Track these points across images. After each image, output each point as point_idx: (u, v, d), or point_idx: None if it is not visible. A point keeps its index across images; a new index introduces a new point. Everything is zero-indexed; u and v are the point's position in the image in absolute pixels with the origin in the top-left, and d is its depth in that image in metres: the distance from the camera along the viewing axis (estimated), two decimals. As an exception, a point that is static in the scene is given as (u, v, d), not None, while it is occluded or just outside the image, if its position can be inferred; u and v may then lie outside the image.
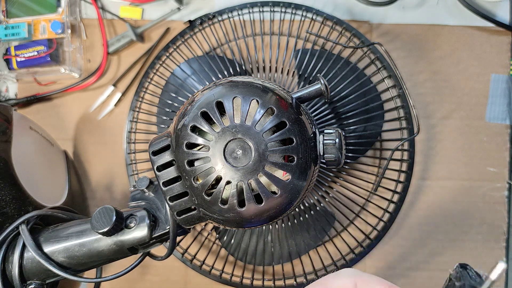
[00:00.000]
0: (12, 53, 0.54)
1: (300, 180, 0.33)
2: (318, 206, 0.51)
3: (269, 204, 0.33)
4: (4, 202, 0.40)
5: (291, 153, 0.33)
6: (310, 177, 0.35)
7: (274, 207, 0.33)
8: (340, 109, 0.50)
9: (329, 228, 0.51)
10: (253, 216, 0.33)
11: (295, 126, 0.33)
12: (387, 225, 0.51)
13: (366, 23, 0.54)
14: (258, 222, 0.35)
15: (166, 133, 0.36)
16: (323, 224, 0.51)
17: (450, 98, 0.54)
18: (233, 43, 0.55)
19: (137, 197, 0.39)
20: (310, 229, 0.51)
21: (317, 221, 0.50)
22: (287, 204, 0.34)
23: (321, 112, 0.50)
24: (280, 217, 0.35)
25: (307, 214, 0.50)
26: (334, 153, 0.35)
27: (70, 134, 0.57)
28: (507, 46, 0.54)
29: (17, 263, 0.36)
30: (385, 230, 0.51)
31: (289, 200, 0.34)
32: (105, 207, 0.35)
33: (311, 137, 0.34)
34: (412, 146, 0.51)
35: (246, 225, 0.35)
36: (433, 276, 0.53)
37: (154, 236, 0.37)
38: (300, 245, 0.51)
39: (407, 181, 0.51)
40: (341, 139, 0.35)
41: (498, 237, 0.53)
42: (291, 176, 0.33)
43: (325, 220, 0.51)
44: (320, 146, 0.35)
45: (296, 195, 0.34)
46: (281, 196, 0.33)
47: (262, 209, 0.33)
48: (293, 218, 0.51)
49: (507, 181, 0.53)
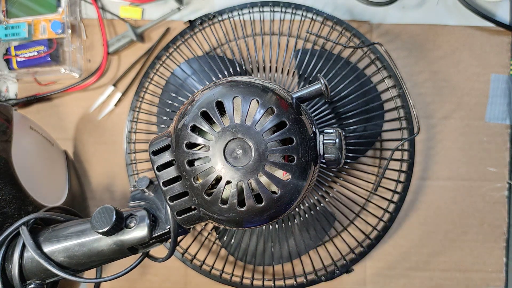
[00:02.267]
0: (12, 53, 0.55)
1: (300, 180, 0.33)
2: (318, 206, 0.51)
3: (269, 204, 0.33)
4: (4, 202, 0.40)
5: (291, 153, 0.33)
6: (310, 177, 0.35)
7: (274, 207, 0.33)
8: (340, 109, 0.50)
9: (329, 228, 0.51)
10: (253, 215, 0.33)
11: (295, 126, 0.33)
12: (387, 225, 0.51)
13: (366, 23, 0.54)
14: (258, 222, 0.35)
15: (166, 133, 0.36)
16: (323, 224, 0.51)
17: (450, 98, 0.54)
18: (233, 43, 0.55)
19: (137, 197, 0.39)
20: (310, 229, 0.51)
21: (317, 221, 0.50)
22: (287, 204, 0.34)
23: (321, 112, 0.50)
24: (280, 217, 0.35)
25: (307, 214, 0.50)
26: (334, 153, 0.35)
27: (70, 134, 0.57)
28: (507, 46, 0.54)
29: (17, 263, 0.36)
30: (385, 230, 0.51)
31: (289, 200, 0.34)
32: (105, 207, 0.35)
33: (311, 137, 0.34)
34: (412, 146, 0.51)
35: (246, 225, 0.35)
36: (433, 276, 0.53)
37: (154, 236, 0.36)
38: (300, 245, 0.51)
39: (407, 181, 0.51)
40: (341, 139, 0.35)
41: (498, 237, 0.53)
42: (291, 176, 0.33)
43: (325, 220, 0.51)
44: (320, 146, 0.35)
45: (296, 195, 0.34)
46: (281, 196, 0.33)
47: (262, 209, 0.33)
48: (293, 218, 0.51)
49: (507, 181, 0.53)
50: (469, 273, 0.53)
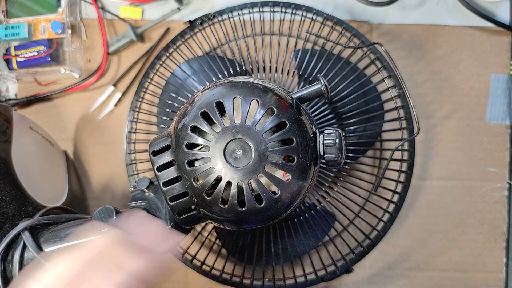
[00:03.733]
0: (12, 53, 0.54)
1: (300, 180, 0.33)
2: (318, 206, 0.51)
3: (269, 204, 0.33)
4: (4, 202, 0.40)
5: (291, 154, 0.33)
6: (310, 178, 0.35)
7: (274, 207, 0.33)
8: (340, 109, 0.50)
9: (329, 228, 0.51)
10: (253, 216, 0.33)
11: (295, 126, 0.33)
12: (387, 225, 0.51)
13: (366, 23, 0.54)
14: (258, 222, 0.35)
15: (166, 133, 0.36)
16: (323, 224, 0.51)
17: (450, 98, 0.54)
18: (233, 43, 0.55)
19: (137, 197, 0.39)
20: (310, 229, 0.51)
21: (317, 221, 0.50)
22: (287, 204, 0.34)
23: (321, 112, 0.50)
24: (280, 217, 0.35)
25: (307, 214, 0.50)
26: (334, 153, 0.35)
27: (70, 134, 0.57)
28: (507, 46, 0.54)
29: (17, 263, 0.36)
30: (385, 230, 0.51)
31: (289, 201, 0.34)
32: (105, 207, 0.35)
33: (311, 137, 0.34)
34: (412, 146, 0.51)
35: (246, 225, 0.35)
36: (433, 276, 0.53)
37: (154, 236, 0.36)
38: (300, 245, 0.51)
39: (407, 181, 0.51)
40: (341, 139, 0.35)
41: (498, 237, 0.53)
42: (291, 176, 0.33)
43: (325, 220, 0.51)
44: (320, 146, 0.35)
45: (296, 195, 0.34)
46: (281, 197, 0.33)
47: (262, 209, 0.33)
48: (293, 218, 0.51)
49: (507, 181, 0.53)
50: (469, 273, 0.53)
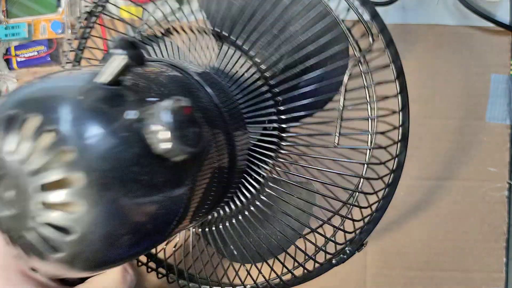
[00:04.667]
0: (12, 53, 0.55)
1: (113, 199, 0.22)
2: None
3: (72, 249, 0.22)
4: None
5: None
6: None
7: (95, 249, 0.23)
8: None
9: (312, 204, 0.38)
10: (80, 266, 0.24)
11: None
12: (379, 213, 0.50)
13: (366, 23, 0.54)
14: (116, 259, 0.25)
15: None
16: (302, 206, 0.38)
17: (450, 98, 0.54)
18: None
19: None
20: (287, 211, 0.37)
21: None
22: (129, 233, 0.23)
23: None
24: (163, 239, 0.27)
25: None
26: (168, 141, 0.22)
27: (70, 134, 0.57)
28: (507, 46, 0.54)
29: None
30: (375, 221, 0.50)
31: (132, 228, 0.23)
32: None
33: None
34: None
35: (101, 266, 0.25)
36: (433, 276, 0.53)
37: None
38: (285, 233, 0.39)
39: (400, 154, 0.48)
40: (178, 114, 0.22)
41: (498, 237, 0.53)
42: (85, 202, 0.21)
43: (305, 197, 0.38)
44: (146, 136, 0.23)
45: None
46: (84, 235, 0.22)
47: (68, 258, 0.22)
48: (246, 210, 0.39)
49: (507, 181, 0.53)
50: (469, 273, 0.53)
